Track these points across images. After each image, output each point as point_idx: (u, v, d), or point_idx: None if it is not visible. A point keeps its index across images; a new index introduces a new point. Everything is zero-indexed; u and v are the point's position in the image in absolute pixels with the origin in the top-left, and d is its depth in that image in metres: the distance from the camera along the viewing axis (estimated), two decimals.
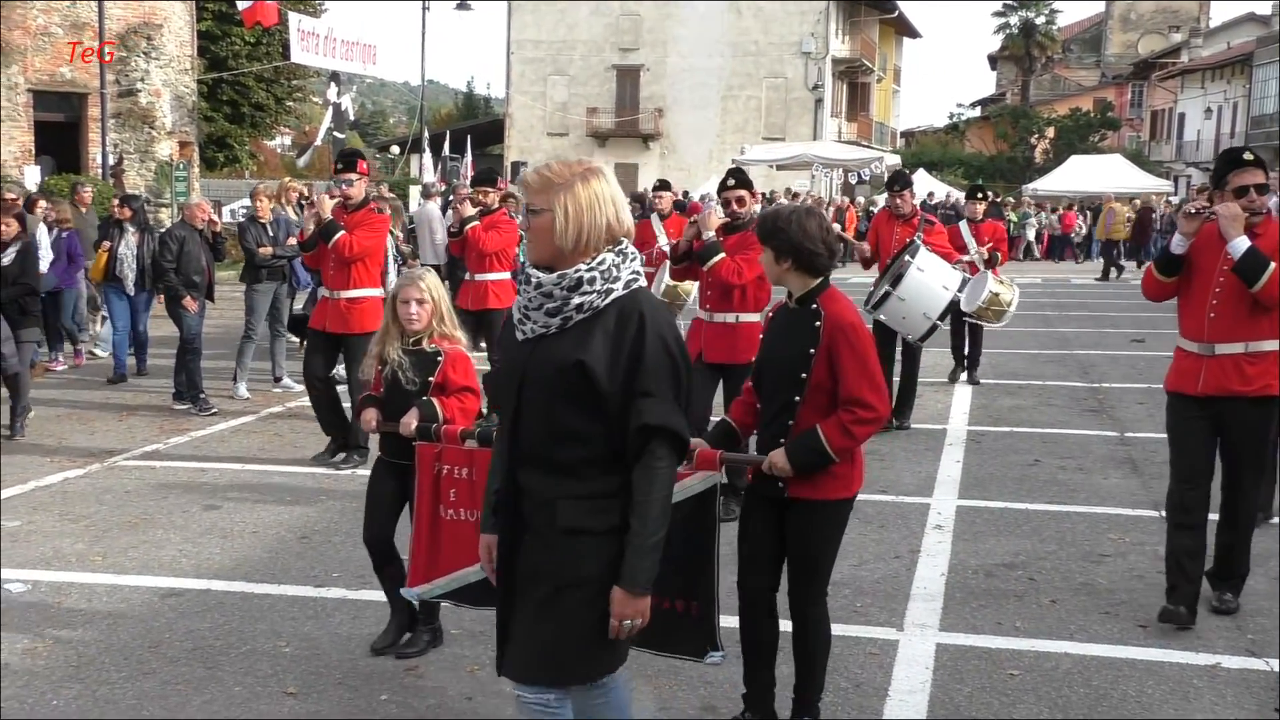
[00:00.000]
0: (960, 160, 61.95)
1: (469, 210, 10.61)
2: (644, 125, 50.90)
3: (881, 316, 9.52)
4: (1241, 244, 5.45)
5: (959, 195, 34.91)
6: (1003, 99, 75.96)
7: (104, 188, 22.08)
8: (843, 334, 4.25)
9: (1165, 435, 6.04)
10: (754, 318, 7.44)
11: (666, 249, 12.33)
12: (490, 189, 11.00)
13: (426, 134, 33.44)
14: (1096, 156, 48.96)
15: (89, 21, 24.53)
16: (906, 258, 9.41)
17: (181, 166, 26.55)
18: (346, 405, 9.10)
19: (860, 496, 8.14)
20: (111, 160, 25.02)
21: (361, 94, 63.07)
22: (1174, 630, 5.71)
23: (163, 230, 13.63)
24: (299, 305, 14.15)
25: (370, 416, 5.30)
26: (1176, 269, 5.75)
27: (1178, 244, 5.69)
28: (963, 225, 12.52)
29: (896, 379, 10.09)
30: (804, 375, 4.30)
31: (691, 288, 12.49)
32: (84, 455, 9.35)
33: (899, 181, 10.83)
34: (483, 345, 10.71)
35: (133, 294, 12.93)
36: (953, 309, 9.73)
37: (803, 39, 49.15)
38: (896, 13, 57.01)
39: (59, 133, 25.88)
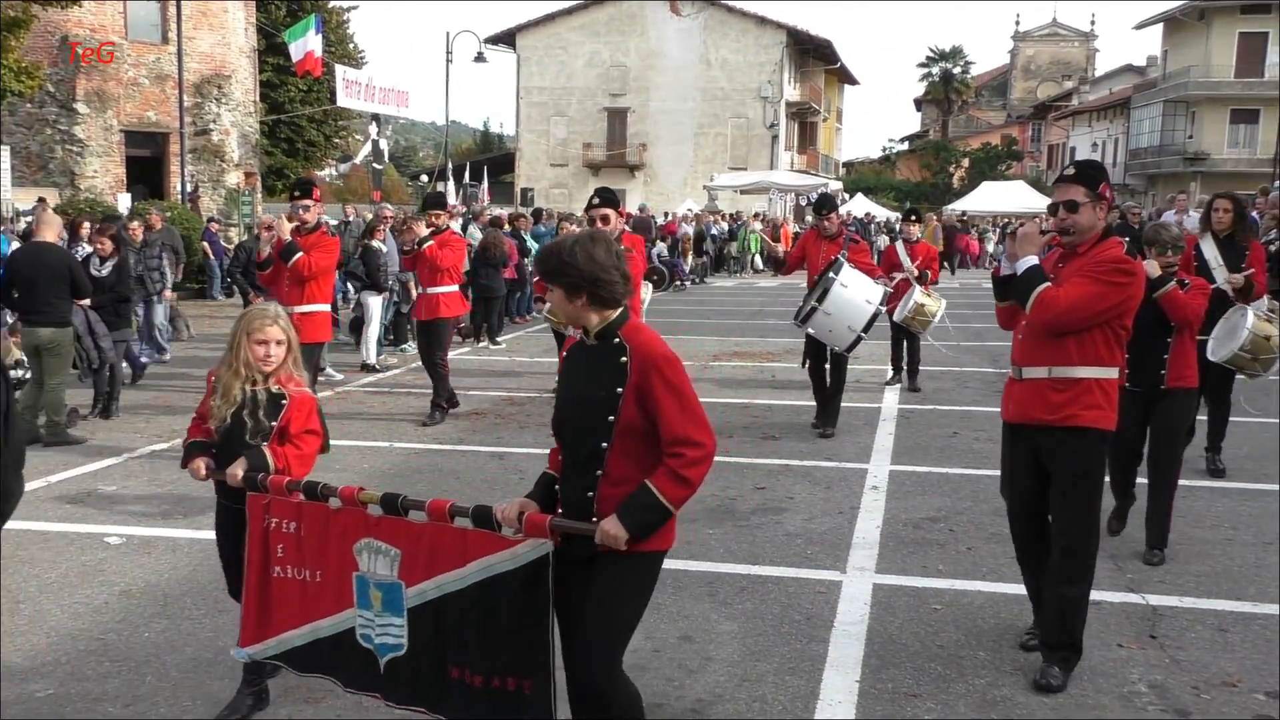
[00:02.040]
0: (892, 186, 62.00)
1: (423, 230, 10.01)
2: (630, 157, 50.81)
3: (810, 330, 8.96)
4: (1024, 263, 4.36)
5: (897, 216, 35.02)
6: (926, 135, 75.98)
7: (182, 211, 21.97)
8: (655, 368, 3.23)
9: None
10: None
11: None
12: (441, 212, 10.36)
13: (450, 164, 33.31)
14: (1003, 183, 49.09)
15: (170, 73, 24.39)
16: (831, 274, 8.79)
17: (247, 193, 26.52)
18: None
19: (808, 463, 8.30)
20: (189, 188, 24.92)
21: (396, 132, 62.89)
22: None
23: (234, 244, 13.54)
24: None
25: (199, 465, 4.01)
26: (1008, 292, 4.56)
27: (1006, 267, 4.55)
28: (899, 245, 11.94)
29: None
30: (611, 418, 3.25)
31: (646, 296, 12.15)
32: (167, 431, 9.31)
33: (825, 205, 9.85)
34: (437, 356, 9.97)
35: None
36: (875, 320, 8.91)
37: (761, 86, 49.11)
38: (838, 64, 56.95)
39: (146, 166, 25.80)
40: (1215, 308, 6.94)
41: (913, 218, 12.24)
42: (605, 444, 3.28)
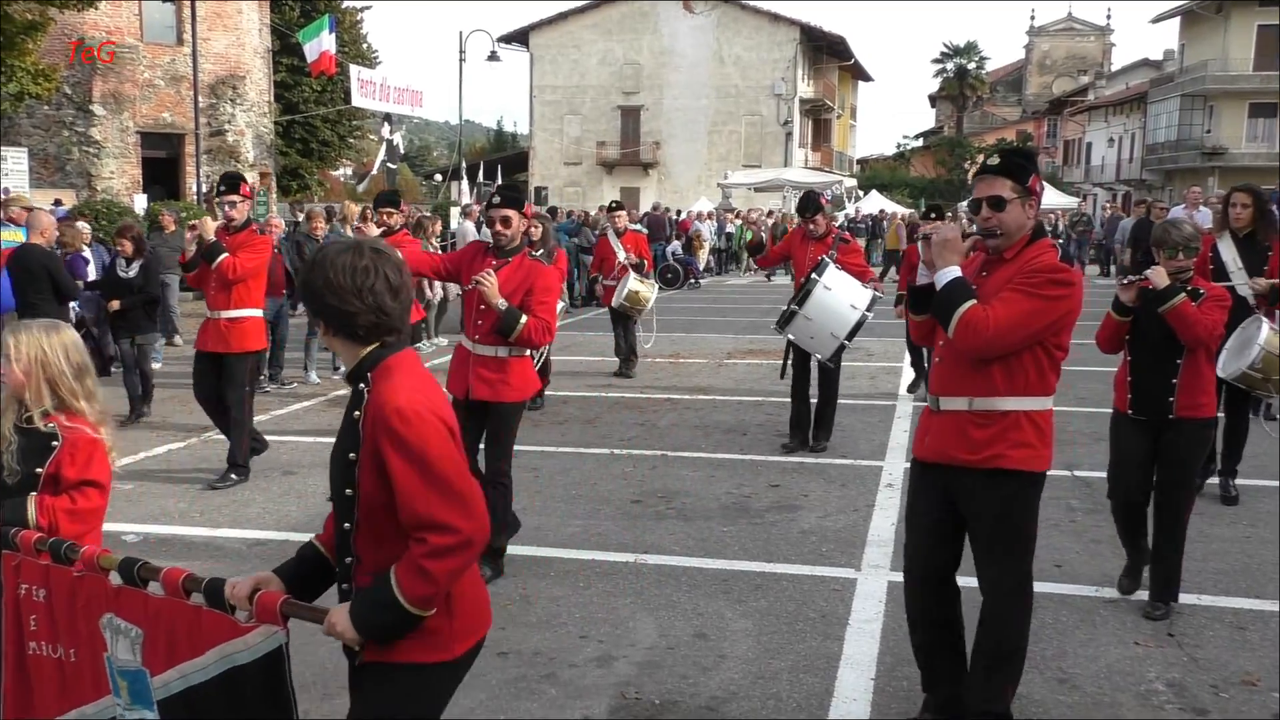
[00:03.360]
0: (906, 183, 61.77)
1: (374, 230, 9.27)
2: (644, 155, 50.77)
3: (790, 336, 8.18)
4: (945, 275, 3.63)
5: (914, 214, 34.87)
6: (941, 131, 75.67)
7: (198, 211, 22.07)
8: (386, 428, 2.40)
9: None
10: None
11: (626, 262, 11.95)
12: (394, 210, 9.82)
13: (464, 164, 33.34)
14: None
15: (185, 75, 24.49)
16: (814, 275, 7.95)
17: (262, 193, 26.58)
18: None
19: (823, 460, 8.28)
20: (205, 189, 25.01)
21: (410, 131, 63.06)
22: (1080, 569, 5.71)
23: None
24: None
25: None
26: (927, 305, 3.79)
27: (922, 274, 3.81)
28: (921, 245, 11.41)
29: (814, 400, 8.77)
30: (349, 491, 2.52)
31: (651, 294, 11.99)
32: (184, 431, 9.36)
33: (808, 207, 8.76)
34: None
35: None
36: (860, 327, 8.03)
37: (775, 83, 49.01)
38: (852, 60, 56.80)
39: (162, 167, 25.93)
40: (1236, 313, 6.12)
41: (932, 216, 11.34)
42: (348, 525, 2.55)
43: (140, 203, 21.81)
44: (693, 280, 26.21)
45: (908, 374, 11.80)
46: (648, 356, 13.43)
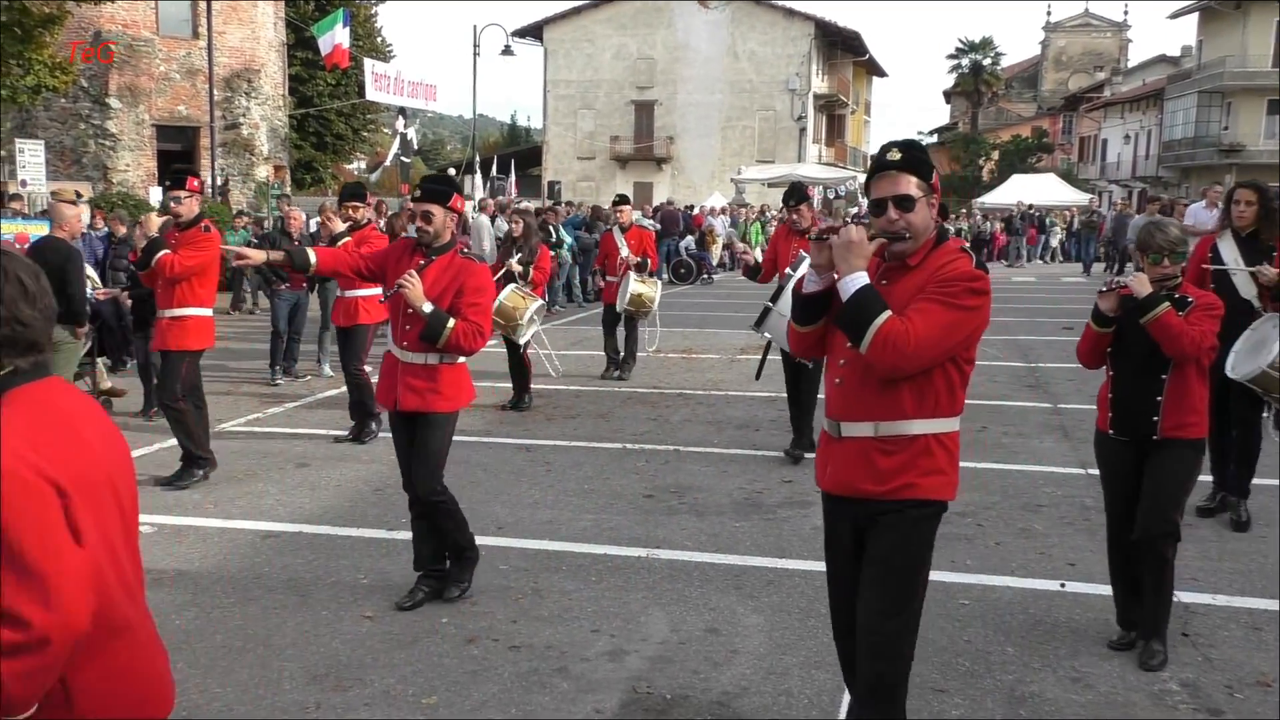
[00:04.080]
0: None
1: (339, 226, 9.02)
2: (658, 150, 50.71)
3: (766, 335, 7.66)
4: (852, 283, 3.16)
5: None
6: (955, 127, 75.42)
7: (213, 205, 22.15)
8: None
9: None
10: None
11: (628, 261, 11.53)
12: (360, 204, 9.27)
13: (478, 158, 33.36)
14: (1034, 175, 48.62)
15: (200, 68, 24.56)
16: (789, 271, 7.52)
17: (276, 186, 26.67)
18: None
19: None
20: (220, 182, 25.10)
21: (424, 125, 63.04)
22: (1095, 568, 5.68)
23: (263, 233, 13.56)
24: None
25: None
26: (814, 315, 3.39)
27: (811, 280, 3.37)
28: (813, 246, 10.63)
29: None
30: None
31: (656, 294, 11.56)
32: None
33: (794, 195, 8.52)
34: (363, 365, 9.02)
35: None
36: None
37: (789, 78, 48.89)
38: (867, 56, 56.62)
39: (177, 159, 25.99)
40: (1239, 319, 5.85)
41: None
42: None
43: (155, 195, 21.90)
44: (705, 275, 26.19)
45: None
46: (660, 352, 13.43)
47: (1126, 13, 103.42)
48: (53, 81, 17.65)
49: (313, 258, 5.48)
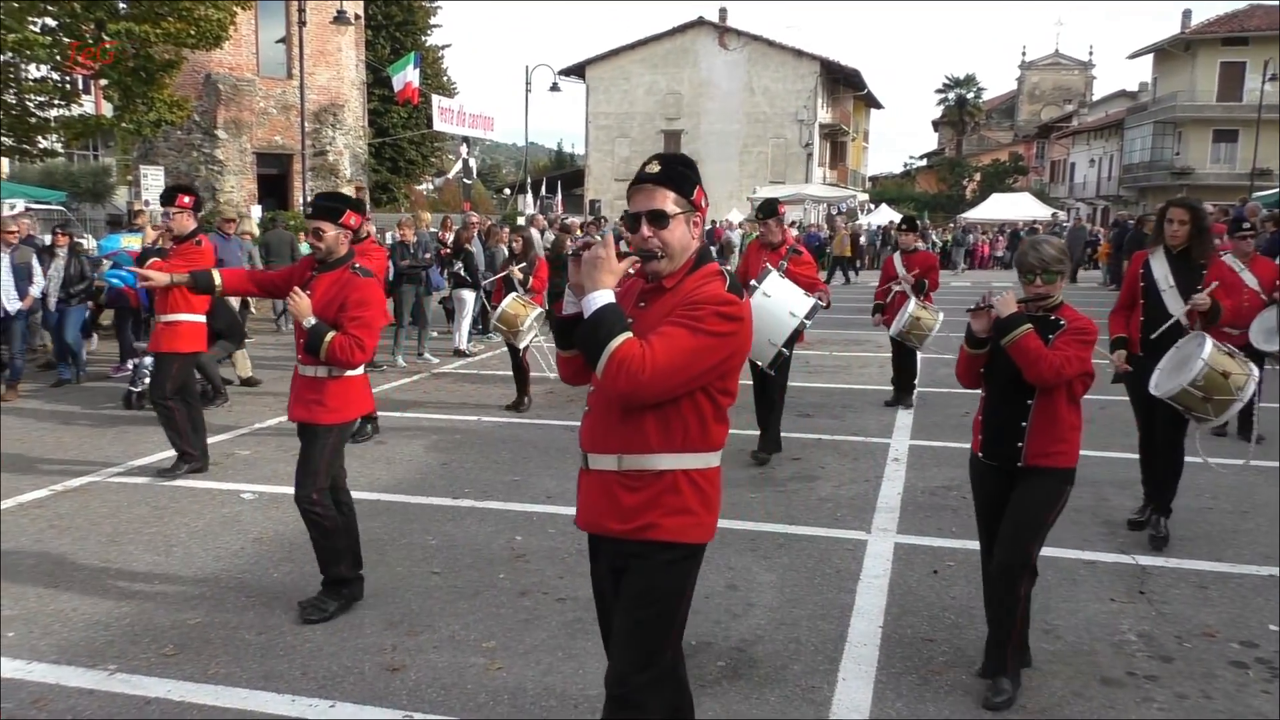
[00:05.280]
0: (912, 197, 61.01)
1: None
2: None
3: None
4: (593, 301, 2.53)
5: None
6: (942, 152, 74.68)
7: (303, 221, 22.32)
8: None
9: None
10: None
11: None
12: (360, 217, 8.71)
13: (529, 180, 33.41)
14: (1011, 194, 48.20)
15: (294, 104, 24.72)
16: (753, 283, 6.86)
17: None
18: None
19: (838, 437, 8.21)
20: (308, 199, 25.26)
21: (482, 152, 63.23)
22: (1063, 535, 5.63)
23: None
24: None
25: None
26: (570, 339, 2.75)
27: (569, 302, 2.72)
28: (896, 256, 9.81)
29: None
30: None
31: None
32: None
33: (764, 210, 7.73)
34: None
35: (53, 309, 10.59)
36: (798, 334, 6.84)
37: (798, 110, 48.57)
38: (865, 90, 56.10)
39: (273, 182, 26.23)
40: (1166, 337, 5.39)
41: (904, 227, 10.02)
42: None
43: (256, 212, 22.13)
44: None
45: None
46: None
47: (1091, 53, 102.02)
48: (171, 116, 17.82)
49: (217, 279, 5.07)
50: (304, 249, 13.49)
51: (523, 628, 4.41)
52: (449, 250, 13.27)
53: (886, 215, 41.59)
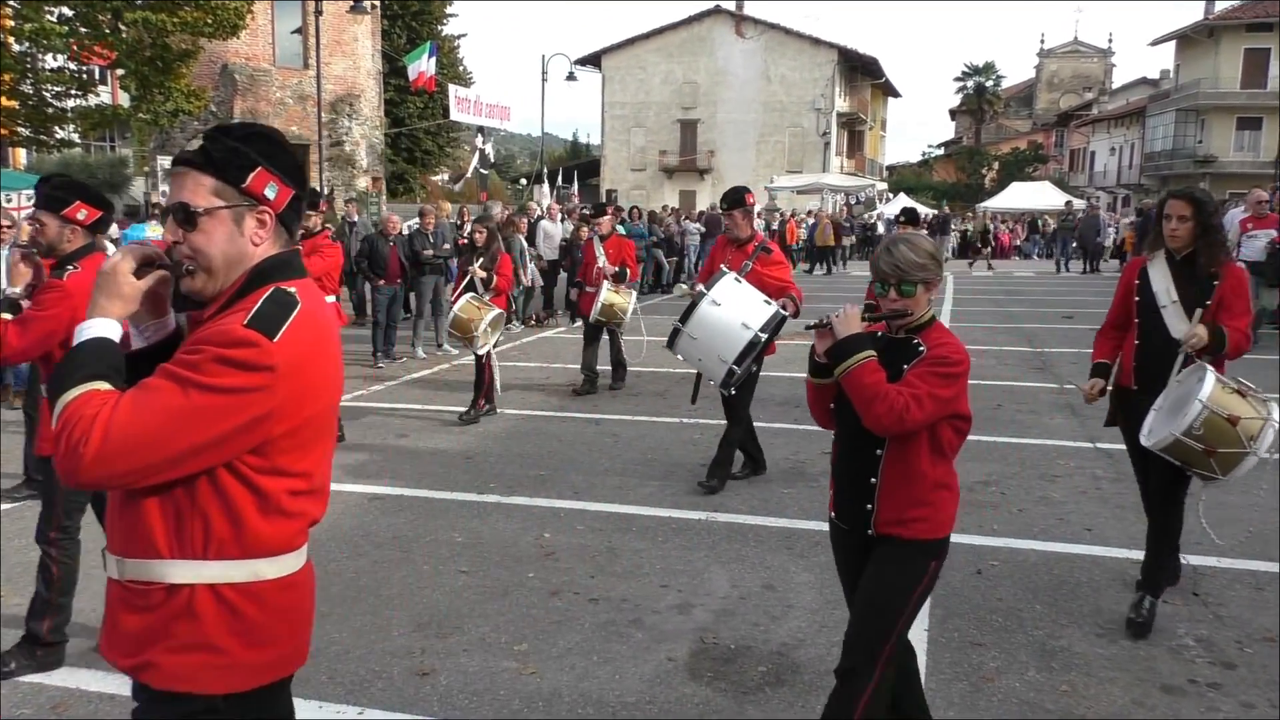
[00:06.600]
0: (930, 187, 60.55)
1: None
2: (700, 163, 50.25)
3: (679, 356, 5.79)
4: (83, 332, 1.84)
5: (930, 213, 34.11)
6: (961, 141, 74.04)
7: (331, 215, 22.24)
8: None
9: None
10: None
11: (605, 270, 9.69)
12: (311, 212, 7.72)
13: (545, 170, 33.23)
14: (1030, 183, 47.78)
15: (310, 94, 24.64)
16: (702, 288, 5.72)
17: (374, 196, 26.73)
18: None
19: None
20: (326, 191, 25.20)
21: (498, 142, 63.03)
22: (1110, 533, 5.44)
23: (363, 237, 13.44)
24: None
25: None
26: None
27: (135, 336, 2.02)
28: None
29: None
30: None
31: (628, 304, 9.65)
32: None
33: (728, 200, 6.53)
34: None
35: None
36: (754, 351, 5.55)
37: (815, 99, 48.21)
38: (883, 79, 55.67)
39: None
40: (1166, 362, 4.20)
41: (902, 219, 9.73)
42: None
43: None
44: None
45: None
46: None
47: (1111, 40, 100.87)
48: (188, 106, 17.76)
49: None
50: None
51: (555, 630, 4.26)
52: (467, 242, 13.11)
53: (904, 204, 41.26)
